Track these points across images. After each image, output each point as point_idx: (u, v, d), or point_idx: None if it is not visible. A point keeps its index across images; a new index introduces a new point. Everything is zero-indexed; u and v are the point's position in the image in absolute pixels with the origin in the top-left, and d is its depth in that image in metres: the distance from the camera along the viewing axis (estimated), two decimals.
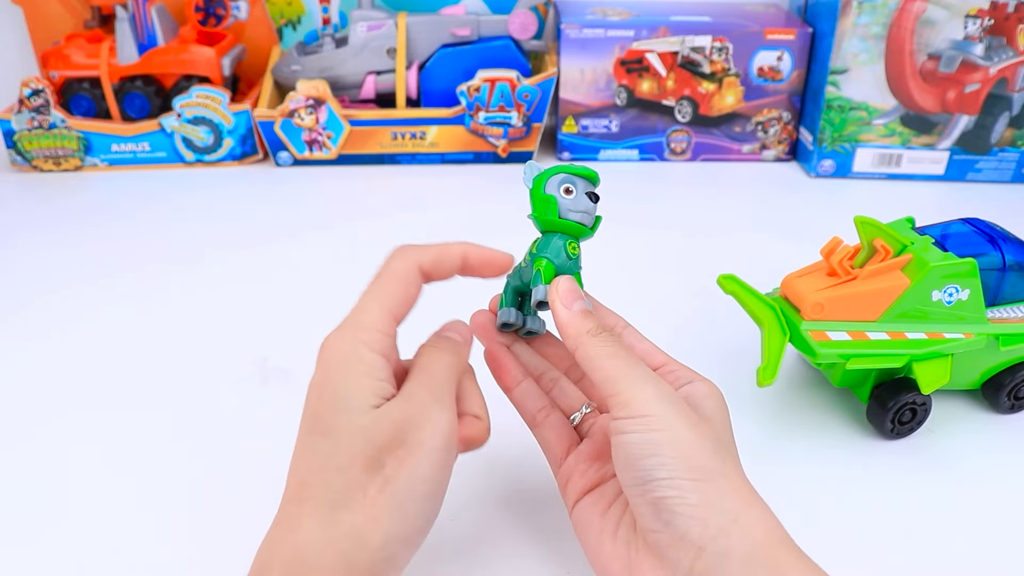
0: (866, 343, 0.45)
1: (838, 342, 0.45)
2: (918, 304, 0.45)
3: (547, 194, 0.37)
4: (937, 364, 0.46)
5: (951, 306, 0.46)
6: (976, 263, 0.45)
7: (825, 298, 0.45)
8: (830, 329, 0.45)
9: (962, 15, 0.77)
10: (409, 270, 0.35)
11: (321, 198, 0.81)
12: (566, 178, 0.38)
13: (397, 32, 0.85)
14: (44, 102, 0.82)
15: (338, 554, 0.30)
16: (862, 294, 0.45)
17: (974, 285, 0.45)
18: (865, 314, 0.45)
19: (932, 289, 0.45)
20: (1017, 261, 0.47)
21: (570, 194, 0.38)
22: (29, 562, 0.40)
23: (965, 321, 0.46)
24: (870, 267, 0.46)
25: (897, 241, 0.46)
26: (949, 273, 0.45)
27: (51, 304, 0.62)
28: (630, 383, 0.34)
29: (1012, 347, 0.47)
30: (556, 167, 0.38)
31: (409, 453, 0.32)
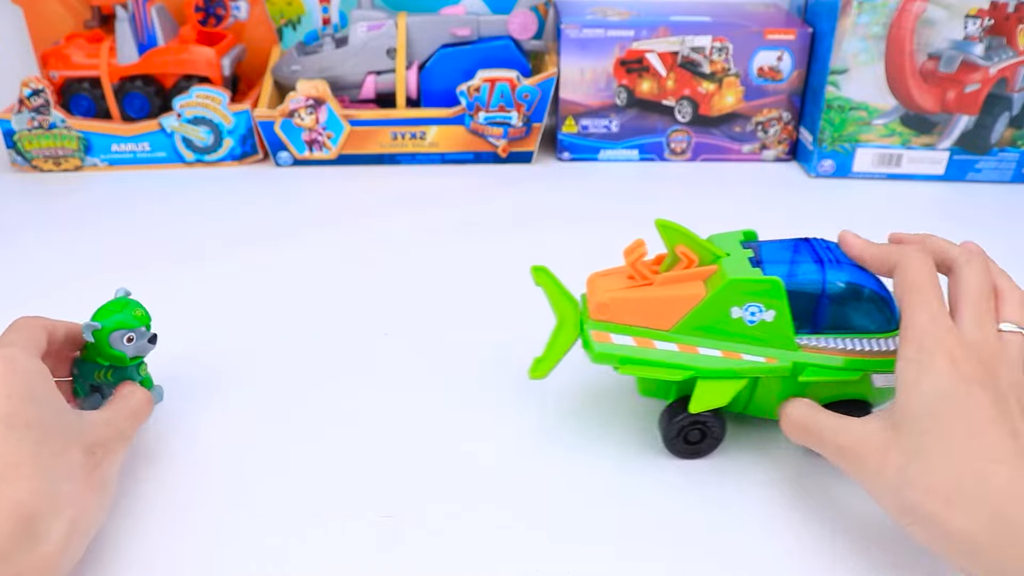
0: (648, 351, 0.43)
1: (619, 346, 0.43)
2: (716, 320, 0.42)
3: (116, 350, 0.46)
4: (718, 385, 0.43)
5: (754, 326, 0.42)
6: (781, 282, 0.41)
7: (610, 299, 0.43)
8: (615, 332, 0.43)
9: (962, 15, 0.77)
10: (40, 324, 0.44)
11: (321, 198, 0.81)
12: (125, 333, 0.45)
13: (397, 32, 0.85)
14: (44, 102, 0.82)
15: (68, 507, 0.35)
16: (654, 300, 0.43)
17: (780, 307, 0.41)
18: (658, 322, 0.43)
19: (732, 305, 0.42)
20: (839, 288, 0.42)
21: (132, 341, 0.46)
22: None
23: (769, 345, 0.42)
24: (668, 274, 0.43)
25: (704, 250, 0.43)
26: (750, 290, 0.41)
27: (51, 304, 0.62)
28: None
29: (813, 379, 0.42)
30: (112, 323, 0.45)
31: (109, 452, 0.40)
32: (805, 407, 0.42)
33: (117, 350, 0.46)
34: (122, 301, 0.46)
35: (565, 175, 0.87)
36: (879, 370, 0.42)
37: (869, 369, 0.42)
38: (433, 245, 0.71)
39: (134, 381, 0.47)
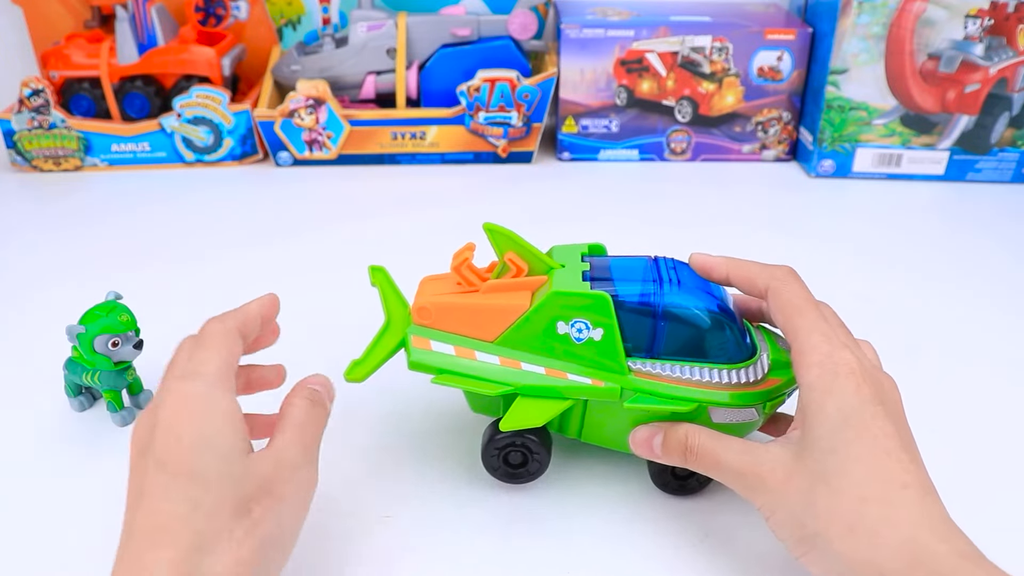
0: (468, 363, 0.40)
1: (437, 354, 0.40)
2: (542, 334, 0.40)
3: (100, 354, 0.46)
4: (537, 405, 0.40)
5: (581, 344, 0.39)
6: (608, 298, 0.39)
7: (433, 303, 0.41)
8: (436, 339, 0.40)
9: (962, 15, 0.77)
10: (229, 329, 0.37)
11: (321, 198, 0.81)
12: (110, 337, 0.46)
13: (397, 32, 0.85)
14: (44, 102, 0.82)
15: None
16: (477, 308, 0.40)
17: (608, 325, 0.39)
18: (481, 332, 0.40)
19: (557, 319, 0.39)
20: (678, 311, 0.39)
21: (117, 346, 0.46)
22: None
23: (598, 366, 0.40)
24: (495, 281, 0.41)
25: (535, 259, 0.41)
26: (575, 304, 0.39)
27: (51, 304, 0.62)
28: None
29: (641, 407, 0.39)
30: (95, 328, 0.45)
31: (276, 502, 0.33)
32: (697, 429, 0.39)
33: (101, 354, 0.46)
34: (109, 305, 0.47)
35: (565, 175, 0.87)
36: (718, 403, 0.39)
37: (706, 401, 0.39)
38: (433, 245, 0.71)
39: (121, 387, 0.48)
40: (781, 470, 0.35)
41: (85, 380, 0.48)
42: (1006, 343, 0.58)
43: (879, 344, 0.57)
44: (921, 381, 0.54)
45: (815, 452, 0.34)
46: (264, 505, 0.32)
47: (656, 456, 0.40)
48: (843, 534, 0.32)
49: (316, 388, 0.39)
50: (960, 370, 0.55)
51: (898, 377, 0.53)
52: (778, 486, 0.35)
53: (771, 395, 0.40)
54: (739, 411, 0.40)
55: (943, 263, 0.69)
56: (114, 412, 0.48)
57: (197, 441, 0.32)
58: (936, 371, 0.55)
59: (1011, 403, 0.52)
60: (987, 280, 0.66)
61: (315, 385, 0.39)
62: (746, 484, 0.36)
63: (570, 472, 0.46)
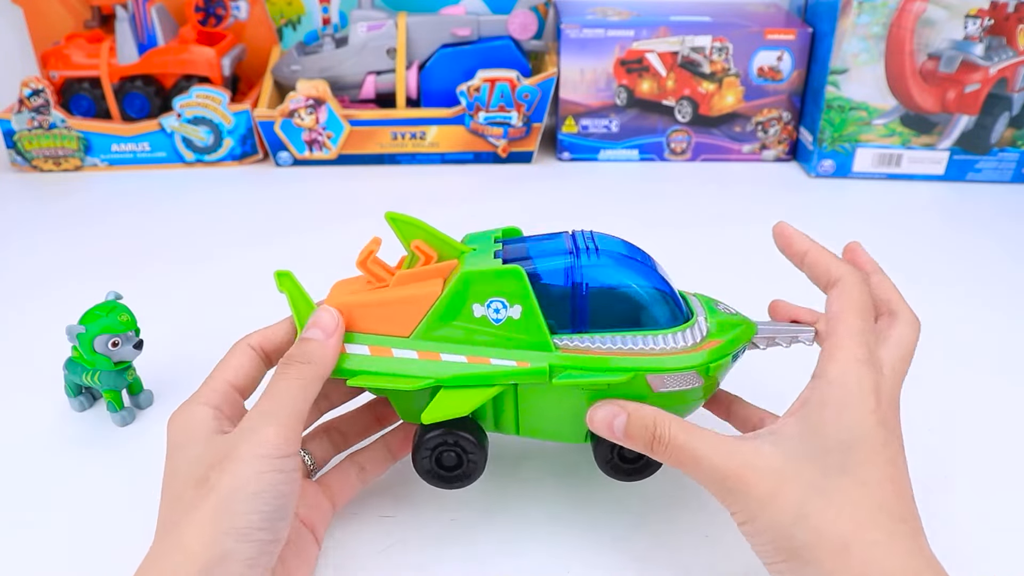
0: (384, 361, 0.38)
1: (351, 356, 0.38)
2: (459, 320, 0.37)
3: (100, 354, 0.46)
4: (459, 395, 0.37)
5: (500, 325, 0.37)
6: (521, 271, 0.36)
7: (342, 304, 0.38)
8: (349, 342, 0.38)
9: (962, 15, 0.77)
10: (239, 348, 0.39)
11: (321, 198, 0.81)
12: (110, 337, 0.46)
13: (397, 32, 0.85)
14: (44, 102, 0.82)
15: (162, 569, 0.31)
16: (387, 302, 0.38)
17: (526, 300, 0.37)
18: (396, 327, 0.38)
19: (473, 302, 0.37)
20: (598, 281, 0.37)
21: (117, 346, 0.46)
22: None
23: (522, 346, 0.37)
24: (403, 272, 0.39)
25: (444, 244, 0.39)
26: (488, 282, 0.37)
27: (51, 304, 0.62)
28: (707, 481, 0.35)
29: (573, 383, 0.37)
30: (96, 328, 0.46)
31: (231, 462, 0.33)
32: (666, 417, 0.36)
33: (101, 354, 0.46)
34: (109, 305, 0.47)
35: (565, 175, 0.87)
36: (656, 370, 0.37)
37: (643, 369, 0.37)
38: None
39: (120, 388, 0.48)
40: (772, 477, 0.32)
41: (85, 380, 0.48)
42: (1006, 343, 0.58)
43: None
44: (921, 381, 0.54)
45: (820, 465, 0.32)
46: (219, 468, 0.33)
47: (618, 439, 0.36)
48: (836, 553, 0.31)
49: (304, 336, 0.37)
50: (960, 370, 0.55)
51: None
52: (765, 494, 0.32)
53: (713, 357, 0.37)
54: (680, 376, 0.37)
55: (943, 263, 0.69)
56: (114, 412, 0.48)
57: (173, 455, 0.35)
58: (936, 371, 0.55)
59: (1011, 403, 0.52)
60: (987, 280, 0.66)
61: (311, 329, 0.37)
62: (725, 487, 0.33)
63: (570, 471, 0.46)
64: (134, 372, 0.49)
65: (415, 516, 0.43)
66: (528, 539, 0.41)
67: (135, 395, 0.50)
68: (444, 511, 0.43)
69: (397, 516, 0.43)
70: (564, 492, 0.44)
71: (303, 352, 0.36)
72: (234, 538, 0.31)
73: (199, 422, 0.35)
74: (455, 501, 0.44)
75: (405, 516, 0.43)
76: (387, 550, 0.41)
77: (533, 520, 0.43)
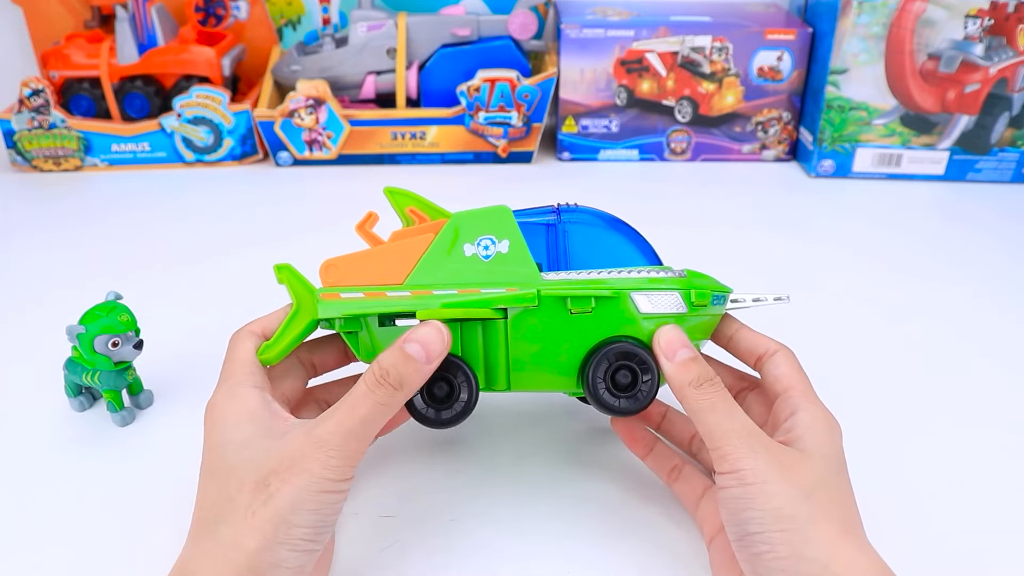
0: (378, 302, 0.39)
1: (347, 300, 0.39)
2: (451, 263, 0.39)
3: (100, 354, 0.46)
4: (443, 313, 0.38)
5: (490, 260, 0.39)
6: (507, 208, 0.39)
7: (337, 258, 0.40)
8: (344, 291, 0.39)
9: (962, 15, 0.77)
10: (245, 334, 0.40)
11: (321, 198, 0.81)
12: (110, 337, 0.46)
13: (397, 32, 0.85)
14: (44, 102, 0.82)
15: (216, 562, 0.32)
16: (381, 251, 0.40)
17: (513, 234, 0.39)
18: (390, 276, 0.39)
19: (463, 242, 0.39)
20: (579, 222, 0.40)
21: (117, 346, 0.46)
22: None
23: (512, 278, 0.39)
24: (398, 230, 0.41)
25: (434, 211, 0.41)
26: (476, 220, 0.39)
27: (51, 304, 0.62)
28: (727, 437, 0.35)
29: (557, 292, 0.38)
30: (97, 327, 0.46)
31: (295, 475, 0.33)
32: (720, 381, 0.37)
33: (101, 354, 0.46)
34: (109, 305, 0.47)
35: (565, 175, 0.87)
36: (639, 287, 0.39)
37: (626, 288, 0.39)
38: None
39: (120, 388, 0.48)
40: (784, 458, 0.34)
41: (85, 380, 0.48)
42: (1006, 343, 0.58)
43: (879, 344, 0.57)
44: (921, 381, 0.54)
45: (817, 488, 0.34)
46: (282, 478, 0.33)
47: (672, 361, 0.37)
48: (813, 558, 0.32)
49: (403, 350, 0.35)
50: (960, 370, 0.55)
51: (897, 376, 0.54)
52: (769, 480, 0.33)
53: (694, 284, 0.40)
54: (663, 296, 0.39)
55: (943, 263, 0.69)
56: (114, 412, 0.48)
57: (220, 442, 0.35)
58: (936, 371, 0.55)
59: (1011, 403, 0.52)
60: (987, 280, 0.66)
61: (410, 346, 0.36)
62: (735, 448, 0.34)
63: (570, 471, 0.46)
64: (134, 372, 0.49)
65: (415, 516, 0.43)
66: (528, 539, 0.41)
67: (135, 395, 0.50)
68: (444, 511, 0.43)
69: (397, 516, 0.43)
70: (564, 492, 0.44)
71: (399, 375, 0.35)
72: (288, 548, 0.32)
73: (251, 406, 0.36)
74: (455, 501, 0.44)
75: (405, 516, 0.43)
76: (387, 550, 0.41)
77: (533, 520, 0.43)
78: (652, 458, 0.44)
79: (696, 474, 0.42)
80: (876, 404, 0.51)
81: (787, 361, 0.40)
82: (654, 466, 0.44)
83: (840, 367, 0.53)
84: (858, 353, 0.56)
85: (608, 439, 0.48)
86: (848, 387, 0.51)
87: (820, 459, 0.35)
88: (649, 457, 0.44)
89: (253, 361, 0.38)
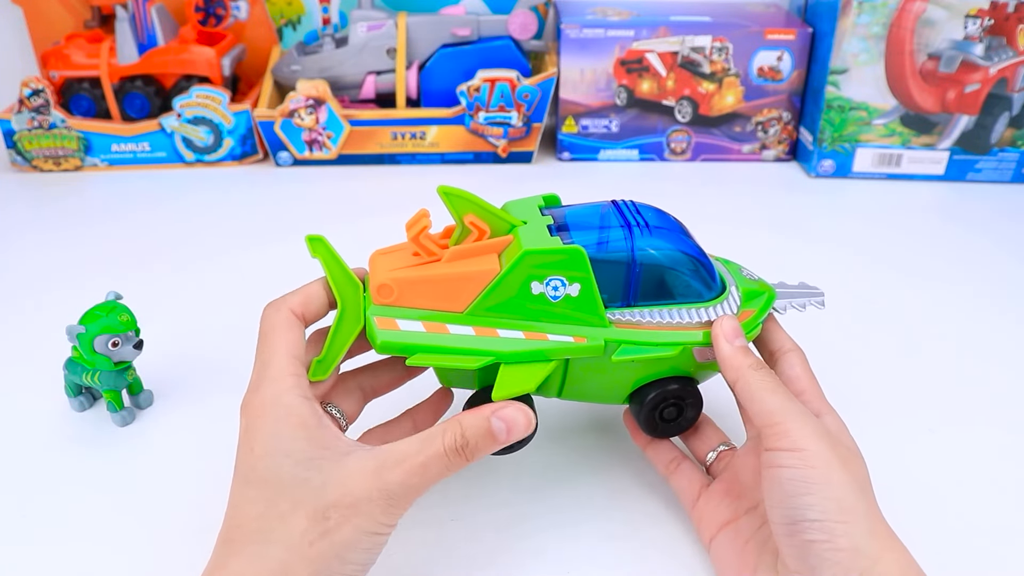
0: (440, 337, 0.37)
1: (406, 332, 0.37)
2: (516, 298, 0.37)
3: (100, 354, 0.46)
4: (524, 370, 0.37)
5: (557, 303, 0.38)
6: (583, 252, 0.37)
7: (394, 279, 0.37)
8: (401, 318, 0.37)
9: (962, 15, 0.77)
10: (284, 318, 0.37)
11: (321, 198, 0.81)
12: (110, 337, 0.46)
13: (397, 32, 0.85)
14: (44, 102, 0.82)
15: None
16: (443, 278, 0.37)
17: (585, 279, 0.37)
18: (450, 303, 0.38)
19: (532, 280, 0.37)
20: (651, 255, 0.38)
21: (117, 346, 0.46)
22: None
23: (577, 322, 0.38)
24: (457, 248, 0.38)
25: (496, 219, 0.39)
26: (549, 262, 0.37)
27: (51, 304, 0.62)
28: (790, 416, 0.35)
29: (628, 358, 0.38)
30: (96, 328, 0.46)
31: (356, 516, 0.32)
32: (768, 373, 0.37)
33: (101, 354, 0.46)
34: (109, 305, 0.47)
35: (565, 175, 0.87)
36: (700, 343, 0.39)
37: (689, 343, 0.39)
38: None
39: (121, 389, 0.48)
40: (830, 452, 0.34)
41: (85, 380, 0.48)
42: (1006, 343, 0.58)
43: (879, 344, 0.57)
44: (921, 381, 0.54)
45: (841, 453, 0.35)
46: (343, 515, 0.32)
47: (732, 343, 0.38)
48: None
49: (489, 425, 0.35)
50: (960, 370, 0.55)
51: (897, 376, 0.54)
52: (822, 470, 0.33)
53: (747, 328, 0.40)
54: None
55: (943, 263, 0.69)
56: (114, 412, 0.48)
57: (269, 449, 0.33)
58: (935, 371, 0.55)
59: (1011, 403, 0.52)
60: (987, 280, 0.66)
61: (499, 420, 0.35)
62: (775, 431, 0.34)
63: (570, 471, 0.46)
64: (134, 372, 0.49)
65: (415, 516, 0.43)
66: (528, 539, 0.41)
67: (135, 395, 0.50)
68: (444, 511, 0.43)
69: None
70: (564, 492, 0.44)
71: (476, 449, 0.35)
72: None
73: (306, 421, 0.34)
74: (455, 501, 0.44)
75: (405, 516, 0.43)
76: (387, 550, 0.41)
77: (533, 520, 0.43)
78: (652, 449, 0.44)
79: (695, 471, 0.42)
80: (876, 404, 0.51)
81: (801, 363, 0.40)
82: (653, 457, 0.44)
83: (840, 367, 0.53)
84: (858, 353, 0.56)
85: (608, 439, 0.48)
86: (848, 387, 0.51)
87: (860, 461, 0.36)
88: (649, 447, 0.44)
89: (295, 358, 0.36)
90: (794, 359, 0.40)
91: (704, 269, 0.40)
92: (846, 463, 0.34)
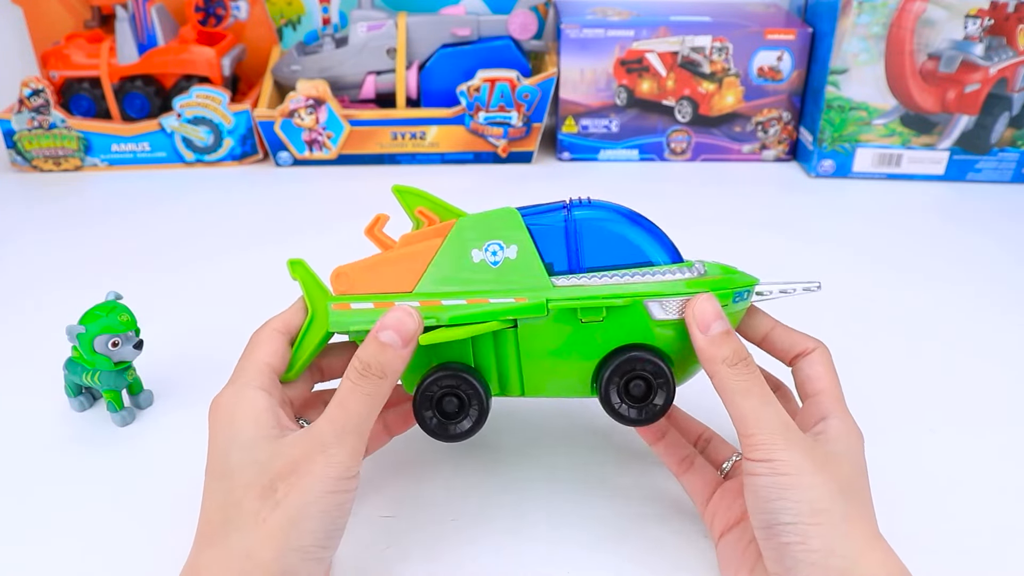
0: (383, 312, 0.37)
1: (356, 311, 0.39)
2: (459, 269, 0.38)
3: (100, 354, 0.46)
4: (456, 330, 0.37)
5: (498, 267, 0.38)
6: (515, 210, 0.38)
7: (348, 266, 0.39)
8: (355, 301, 0.39)
9: (962, 15, 0.77)
10: (267, 334, 0.39)
11: (321, 198, 0.81)
12: (110, 337, 0.46)
13: (397, 32, 0.85)
14: (44, 102, 0.82)
15: (229, 572, 0.32)
16: (390, 259, 0.39)
17: (522, 239, 0.38)
18: (399, 284, 0.39)
19: (471, 248, 0.38)
20: (586, 213, 0.38)
21: (117, 346, 0.46)
22: None
23: (522, 286, 0.38)
24: (407, 234, 0.40)
25: (444, 210, 0.40)
26: (483, 224, 0.38)
27: (51, 304, 0.62)
28: (761, 425, 0.34)
29: (566, 303, 0.37)
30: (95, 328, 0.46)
31: (300, 478, 0.33)
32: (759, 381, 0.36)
33: (101, 354, 0.46)
34: (109, 305, 0.47)
35: (565, 175, 0.87)
36: (653, 294, 0.37)
37: (639, 295, 0.37)
38: None
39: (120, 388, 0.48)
40: (818, 458, 0.34)
41: (85, 380, 0.48)
42: (1007, 343, 0.58)
43: (880, 344, 0.57)
44: (921, 381, 0.54)
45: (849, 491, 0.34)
46: (289, 483, 0.33)
47: (706, 334, 0.36)
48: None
49: (378, 339, 0.35)
50: (960, 370, 0.55)
51: (898, 376, 0.54)
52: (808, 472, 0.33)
53: (711, 286, 0.38)
54: (679, 302, 0.37)
55: (943, 263, 0.69)
56: (114, 412, 0.48)
57: (225, 442, 0.34)
58: (936, 371, 0.55)
59: (1012, 403, 0.52)
60: (987, 280, 0.66)
61: (384, 335, 0.35)
62: (780, 438, 0.34)
63: (570, 471, 0.46)
64: (134, 372, 0.49)
65: (415, 516, 0.43)
66: (528, 540, 0.41)
67: (135, 395, 0.50)
68: (444, 511, 0.43)
69: (397, 516, 0.43)
70: (564, 492, 0.44)
71: (380, 364, 0.35)
72: (299, 555, 0.32)
73: (257, 409, 0.35)
74: (455, 502, 0.44)
75: (405, 516, 0.43)
76: (387, 550, 0.41)
77: (533, 521, 0.43)
78: (663, 445, 0.43)
79: (708, 468, 0.42)
80: (877, 404, 0.51)
81: (822, 361, 0.39)
82: (664, 454, 0.43)
83: (840, 367, 0.53)
84: (858, 353, 0.56)
85: (609, 439, 0.48)
86: (848, 387, 0.51)
87: (849, 464, 0.35)
88: (660, 444, 0.43)
89: (267, 364, 0.37)
90: (815, 358, 0.39)
91: (657, 239, 0.39)
92: (823, 467, 0.33)
